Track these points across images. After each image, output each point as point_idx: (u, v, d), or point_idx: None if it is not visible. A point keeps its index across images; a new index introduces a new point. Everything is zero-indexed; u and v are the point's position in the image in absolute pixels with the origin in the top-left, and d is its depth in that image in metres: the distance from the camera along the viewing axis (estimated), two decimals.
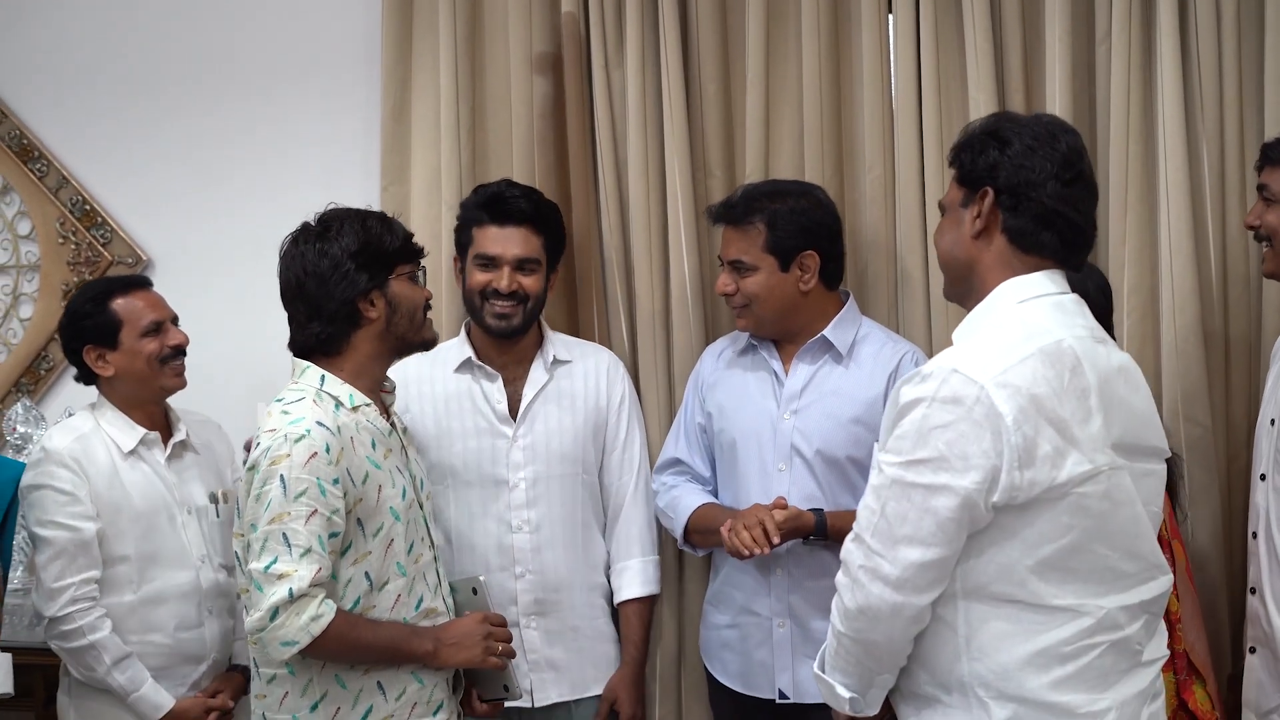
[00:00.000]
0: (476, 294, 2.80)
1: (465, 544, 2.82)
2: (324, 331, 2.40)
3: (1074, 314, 1.94)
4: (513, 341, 2.85)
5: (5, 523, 2.88)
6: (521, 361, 2.88)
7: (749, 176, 3.00)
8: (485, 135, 3.22)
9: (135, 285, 2.86)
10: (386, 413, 2.50)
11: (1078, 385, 1.84)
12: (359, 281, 2.38)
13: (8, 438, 3.48)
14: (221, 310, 3.40)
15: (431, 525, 2.53)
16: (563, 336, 2.97)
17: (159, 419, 2.85)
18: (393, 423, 2.50)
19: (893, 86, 3.00)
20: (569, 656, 2.84)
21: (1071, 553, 1.85)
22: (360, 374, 2.43)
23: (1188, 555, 2.63)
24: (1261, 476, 2.53)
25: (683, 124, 3.05)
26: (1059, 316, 1.91)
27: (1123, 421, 1.89)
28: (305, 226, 2.44)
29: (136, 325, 2.77)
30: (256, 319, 3.37)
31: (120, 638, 2.69)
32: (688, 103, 3.07)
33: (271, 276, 2.50)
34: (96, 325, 2.76)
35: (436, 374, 2.85)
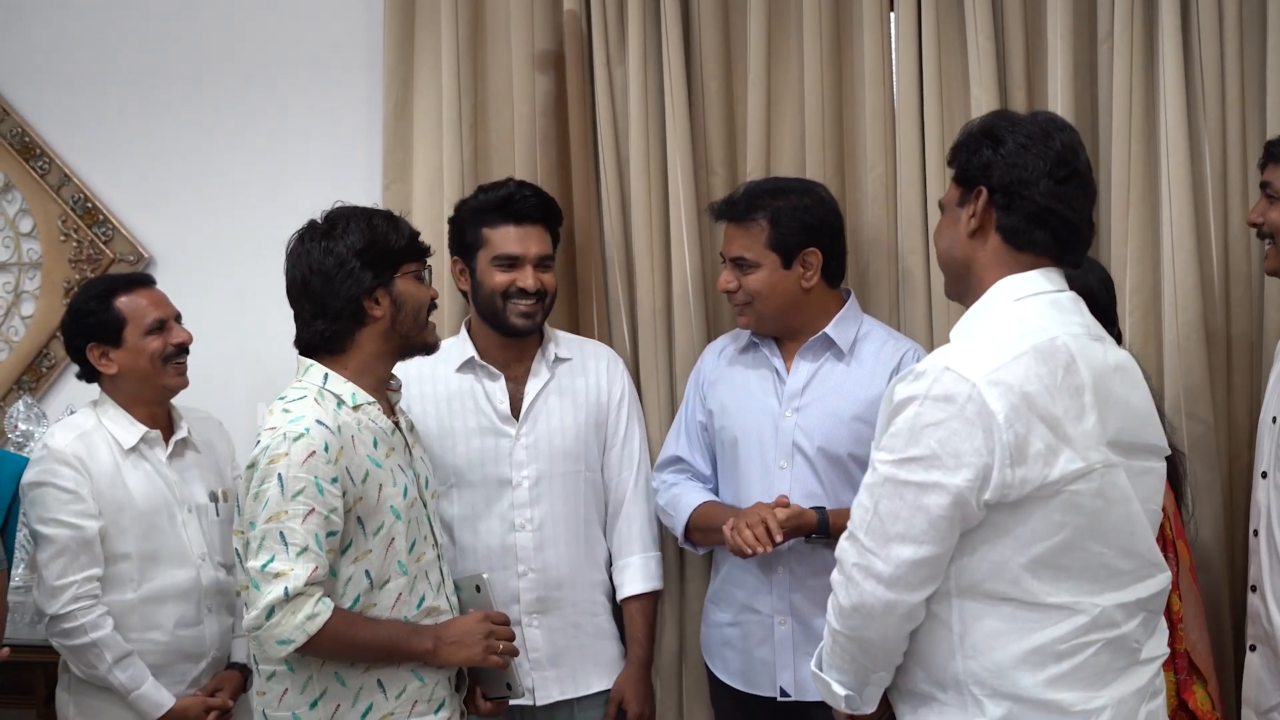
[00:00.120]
0: (498, 295, 2.78)
1: (468, 543, 2.82)
2: (328, 329, 2.40)
3: (1070, 311, 1.94)
4: (519, 340, 2.85)
5: (8, 518, 2.88)
6: (523, 360, 2.88)
7: (750, 174, 3.00)
8: (487, 133, 3.23)
9: (139, 283, 2.86)
10: (391, 411, 2.50)
11: (1071, 383, 1.84)
12: (364, 280, 2.38)
13: (9, 435, 3.48)
14: (223, 308, 3.41)
15: (435, 524, 2.53)
16: (562, 334, 2.97)
17: (160, 417, 2.85)
18: (397, 421, 2.50)
19: (894, 85, 3.00)
20: (571, 654, 2.84)
21: (1065, 550, 1.85)
22: (365, 372, 2.43)
23: (1191, 555, 2.63)
24: (1263, 474, 2.53)
25: (684, 122, 3.05)
26: (1054, 314, 1.91)
27: (1119, 419, 1.89)
28: (312, 224, 2.44)
29: (140, 323, 2.77)
30: (258, 317, 3.39)
31: (121, 635, 2.69)
32: (689, 101, 3.07)
33: (273, 274, 2.50)
34: (100, 323, 2.76)
35: (438, 373, 2.85)
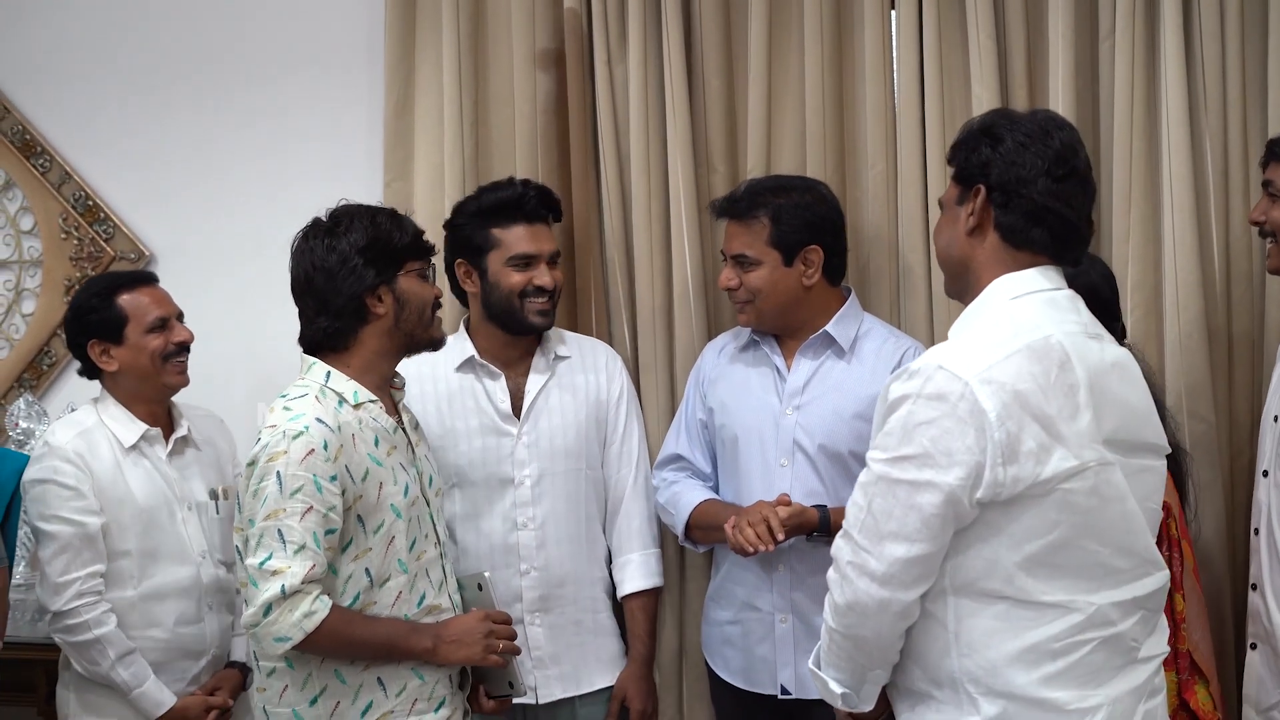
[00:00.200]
0: (515, 295, 2.78)
1: (469, 542, 2.82)
2: (331, 326, 2.40)
3: (1067, 309, 1.94)
4: (522, 338, 2.85)
5: (9, 516, 2.88)
6: (524, 358, 2.88)
7: (751, 172, 3.00)
8: (488, 131, 3.23)
9: (141, 281, 2.86)
10: (395, 409, 2.50)
11: (1065, 381, 1.84)
12: (366, 277, 2.38)
13: (10, 433, 3.48)
14: (224, 305, 3.41)
15: (439, 522, 2.53)
16: (560, 331, 2.96)
17: (161, 415, 2.86)
18: (401, 420, 2.51)
19: (895, 82, 3.00)
20: (573, 652, 2.84)
21: (1059, 549, 1.85)
22: (368, 370, 2.43)
23: (1194, 554, 2.63)
24: (1264, 473, 2.53)
25: (685, 119, 3.05)
26: (1050, 312, 1.91)
27: (1116, 417, 1.89)
28: (316, 221, 2.45)
29: (142, 321, 2.78)
30: (259, 315, 3.40)
31: (122, 633, 2.70)
32: (690, 98, 3.07)
33: (274, 273, 2.50)
34: (102, 320, 2.77)
35: (438, 373, 2.84)
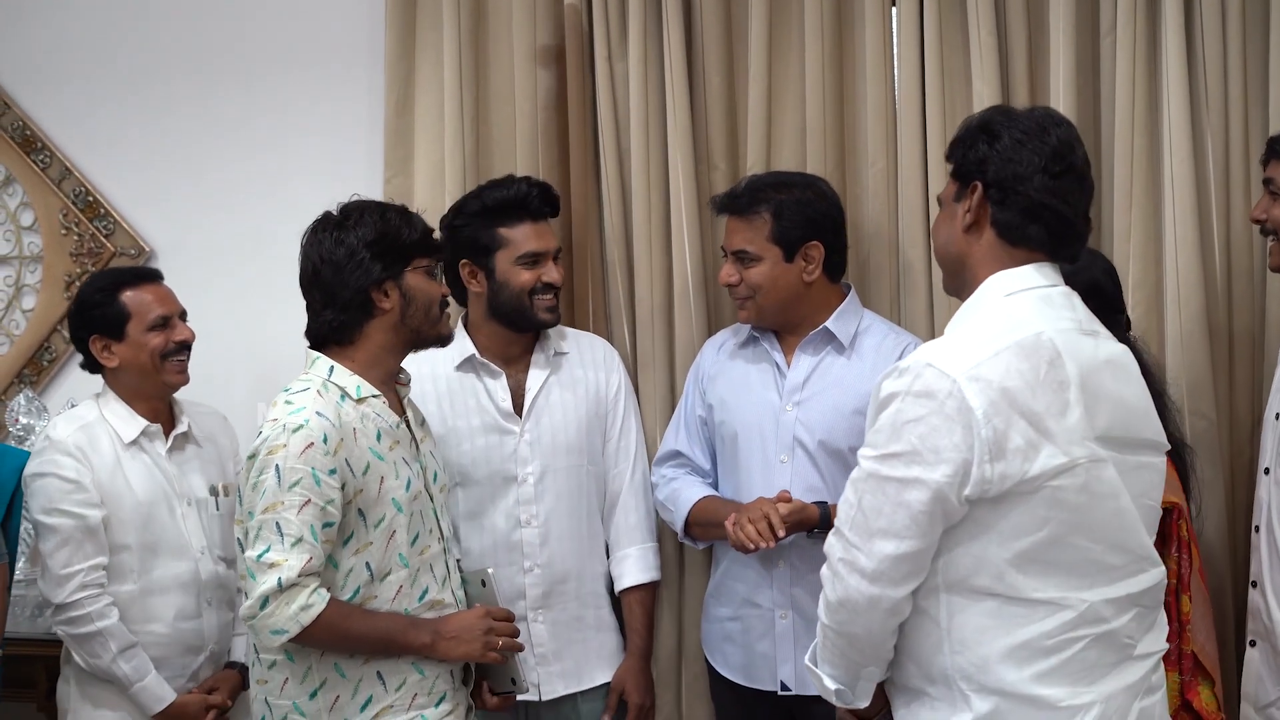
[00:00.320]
0: (525, 293, 2.79)
1: (473, 540, 2.82)
2: (337, 320, 2.41)
3: (1061, 306, 1.93)
4: (522, 335, 2.85)
5: (10, 512, 2.88)
6: (523, 355, 2.88)
7: (751, 169, 3.00)
8: (489, 128, 3.23)
9: (146, 278, 2.86)
10: (400, 404, 2.50)
11: (1055, 378, 1.84)
12: (373, 271, 2.39)
13: (10, 429, 3.48)
14: (224, 300, 3.40)
15: (443, 518, 2.53)
16: (559, 327, 2.95)
17: (162, 411, 2.86)
18: (406, 415, 2.51)
19: (896, 79, 2.99)
20: (575, 648, 2.85)
21: (1050, 545, 1.85)
22: (373, 365, 2.44)
23: (1199, 554, 2.62)
24: (1265, 470, 2.52)
25: (685, 116, 3.05)
26: (1044, 309, 1.91)
27: (1110, 414, 1.89)
28: (326, 215, 2.45)
29: (144, 319, 2.78)
30: (260, 310, 3.40)
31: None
32: (690, 95, 3.07)
33: (275, 268, 2.51)
34: (104, 315, 2.77)
35: (438, 372, 2.84)
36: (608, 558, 2.93)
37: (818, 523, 2.60)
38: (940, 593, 1.89)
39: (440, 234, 2.81)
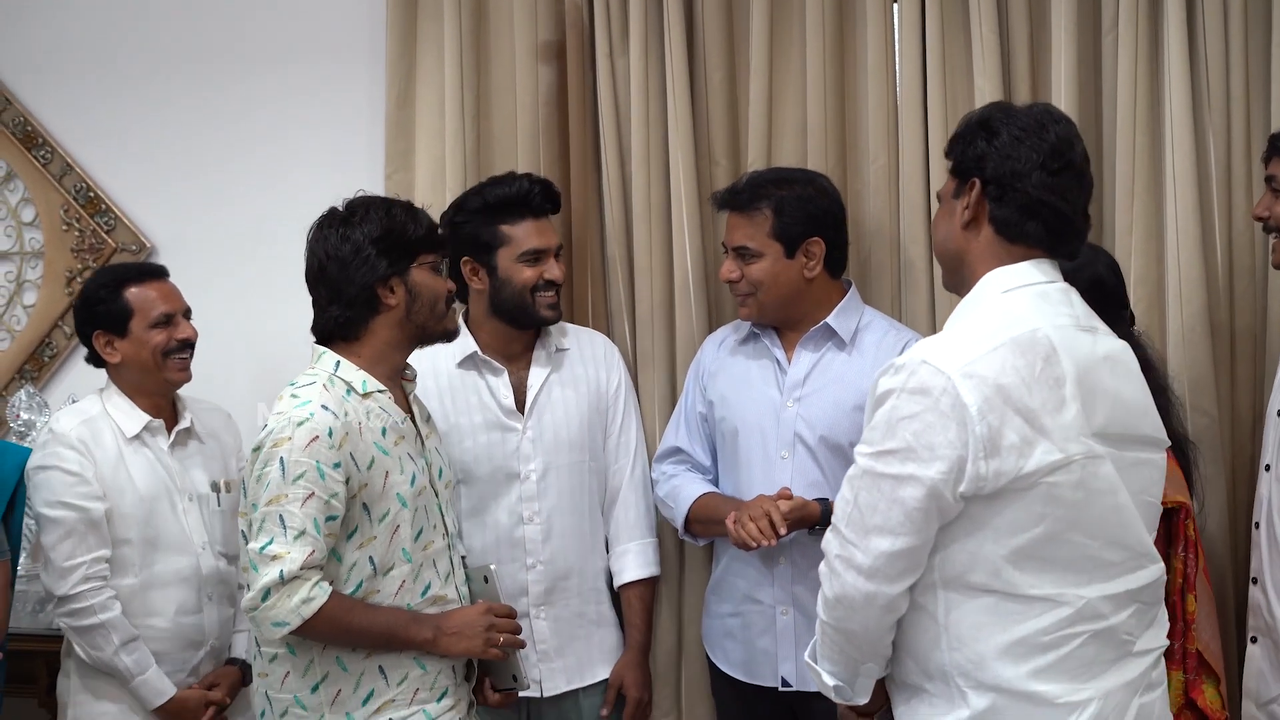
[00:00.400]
0: (528, 290, 2.79)
1: (475, 537, 2.82)
2: (342, 315, 2.41)
3: (1058, 303, 1.93)
4: (524, 332, 2.85)
5: (12, 508, 2.89)
6: (525, 351, 2.88)
7: (752, 165, 2.99)
8: (490, 123, 3.23)
9: (151, 275, 2.87)
10: (405, 400, 2.51)
11: (1050, 374, 1.84)
12: (379, 267, 2.39)
13: (11, 424, 3.48)
14: (225, 295, 3.40)
15: (447, 514, 2.53)
16: (559, 324, 2.95)
17: (165, 407, 2.87)
18: (412, 411, 2.51)
19: (897, 76, 2.99)
20: (576, 644, 2.85)
21: (1047, 542, 1.85)
22: (378, 360, 2.44)
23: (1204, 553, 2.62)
24: (1266, 467, 2.52)
25: (686, 112, 3.05)
26: (1041, 306, 1.91)
27: (1107, 410, 1.89)
28: (332, 211, 2.45)
29: (147, 315, 2.79)
30: (261, 305, 3.40)
31: None
32: (691, 91, 3.07)
33: (276, 263, 2.51)
34: (108, 311, 2.78)
35: (439, 368, 2.83)
36: (608, 553, 2.94)
37: (819, 519, 2.60)
38: (937, 589, 1.89)
39: (442, 231, 2.82)
